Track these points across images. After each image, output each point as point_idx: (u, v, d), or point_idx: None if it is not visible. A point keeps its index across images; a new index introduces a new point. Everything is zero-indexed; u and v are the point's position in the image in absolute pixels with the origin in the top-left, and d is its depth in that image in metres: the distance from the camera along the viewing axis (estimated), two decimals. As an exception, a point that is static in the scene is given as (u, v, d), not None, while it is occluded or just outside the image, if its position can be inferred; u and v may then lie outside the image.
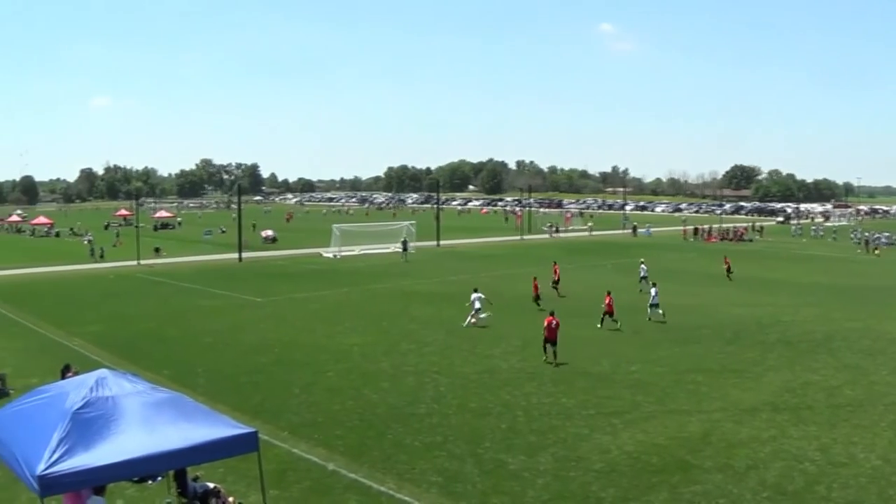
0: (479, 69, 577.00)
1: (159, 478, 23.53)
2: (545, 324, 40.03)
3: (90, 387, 17.99)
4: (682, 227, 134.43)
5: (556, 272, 64.17)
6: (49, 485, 15.57)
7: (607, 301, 48.40)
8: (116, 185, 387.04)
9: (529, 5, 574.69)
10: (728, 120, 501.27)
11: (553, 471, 24.63)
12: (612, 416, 30.22)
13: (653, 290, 51.56)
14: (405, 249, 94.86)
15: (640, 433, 28.19)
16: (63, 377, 29.63)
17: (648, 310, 50.74)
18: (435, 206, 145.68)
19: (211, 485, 22.04)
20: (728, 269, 71.85)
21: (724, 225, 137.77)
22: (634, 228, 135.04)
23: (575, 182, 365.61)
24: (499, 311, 51.28)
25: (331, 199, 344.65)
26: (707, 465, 25.07)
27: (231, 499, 21.82)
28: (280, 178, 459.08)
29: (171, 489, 22.69)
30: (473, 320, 49.13)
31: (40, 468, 15.53)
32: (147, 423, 17.45)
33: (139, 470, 17.89)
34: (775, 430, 28.64)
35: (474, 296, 49.88)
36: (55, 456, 15.81)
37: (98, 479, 16.54)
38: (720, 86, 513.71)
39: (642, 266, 65.63)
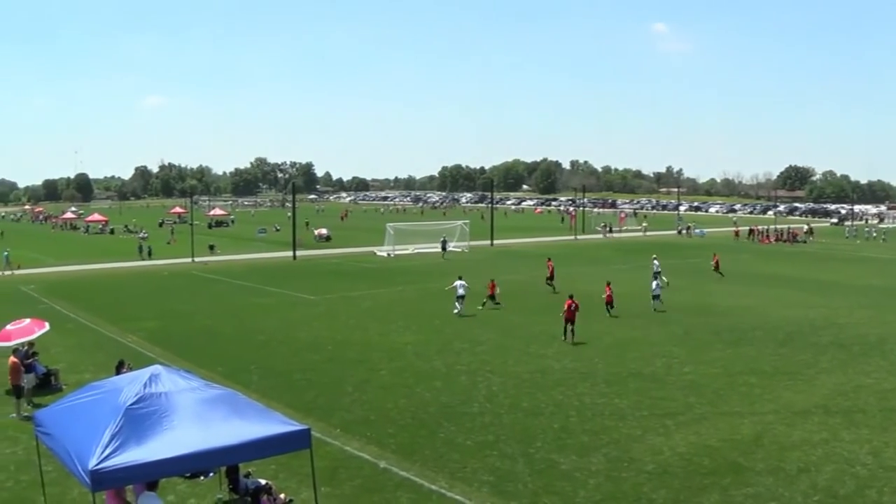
0: (533, 68, 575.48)
1: (211, 474, 23.67)
2: (565, 306, 44.44)
3: (144, 383, 18.08)
4: (734, 228, 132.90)
5: (550, 268, 65.96)
6: (101, 479, 15.63)
7: (608, 292, 51.87)
8: (171, 182, 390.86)
9: (583, 4, 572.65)
10: (782, 120, 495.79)
11: (605, 471, 24.41)
12: (665, 417, 29.94)
13: (654, 283, 56.02)
14: (444, 249, 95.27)
15: (693, 435, 27.90)
16: (118, 373, 29.80)
17: (652, 301, 54.37)
18: (489, 205, 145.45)
19: (262, 481, 22.09)
20: (716, 266, 72.49)
21: (779, 226, 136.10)
22: (688, 229, 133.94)
23: (629, 182, 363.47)
24: (550, 311, 51.06)
25: (385, 198, 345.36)
26: (758, 467, 24.75)
27: (282, 496, 21.83)
28: (335, 177, 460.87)
29: (222, 485, 22.81)
30: (460, 307, 52.25)
31: (92, 463, 15.58)
32: (200, 419, 17.48)
33: (191, 466, 17.96)
34: (827, 433, 28.23)
35: (458, 283, 52.95)
36: (107, 451, 15.87)
37: (149, 474, 16.58)
38: (774, 86, 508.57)
39: (655, 262, 65.22)
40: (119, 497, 19.60)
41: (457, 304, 52.53)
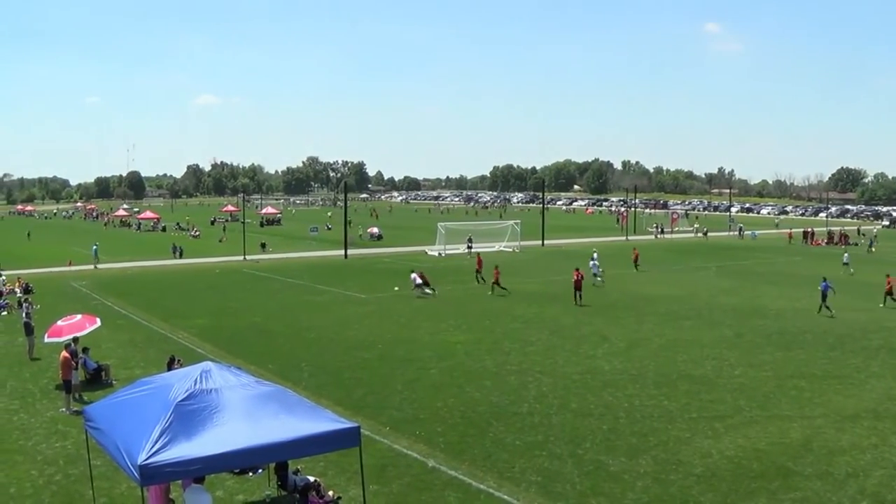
0: (586, 68, 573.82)
1: (260, 470, 23.78)
2: (574, 278, 57.25)
3: (194, 379, 18.20)
4: (787, 231, 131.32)
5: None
6: (150, 474, 15.75)
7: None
8: (223, 181, 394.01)
9: (636, 4, 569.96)
10: (834, 121, 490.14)
11: (653, 473, 24.25)
12: (714, 420, 29.70)
13: (591, 263, 68.74)
14: (469, 248, 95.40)
15: (742, 438, 27.64)
16: (169, 369, 30.10)
17: (593, 278, 65.77)
18: (540, 205, 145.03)
19: (311, 478, 22.15)
20: (636, 261, 74.55)
21: (832, 228, 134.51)
22: (740, 230, 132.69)
23: (681, 183, 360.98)
24: (601, 312, 50.93)
25: (436, 198, 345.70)
26: (807, 471, 24.45)
27: (331, 493, 21.87)
28: (386, 177, 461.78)
29: (271, 482, 22.90)
30: (417, 292, 60.96)
31: (142, 457, 15.70)
32: (250, 415, 17.57)
33: (240, 462, 18.03)
34: (876, 437, 27.84)
35: (413, 275, 62.32)
36: (157, 446, 15.99)
37: (198, 469, 16.66)
38: (826, 86, 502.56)
39: (593, 260, 71.99)
40: (164, 493, 19.77)
41: (415, 290, 61.23)
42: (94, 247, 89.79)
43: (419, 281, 61.80)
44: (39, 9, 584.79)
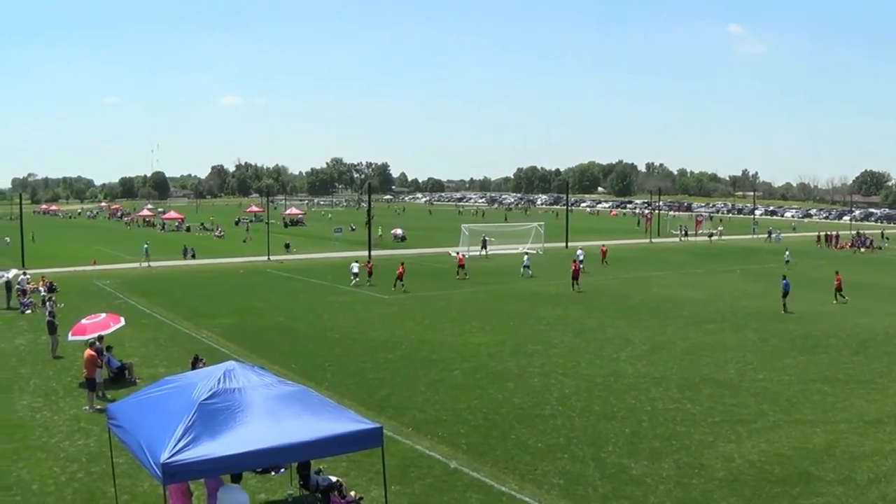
0: (609, 69, 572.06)
1: (282, 469, 23.84)
2: (572, 268, 66.18)
3: (218, 378, 18.27)
4: (815, 234, 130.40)
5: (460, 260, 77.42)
6: (172, 472, 15.82)
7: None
8: (247, 181, 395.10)
9: (659, 5, 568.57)
10: (858, 124, 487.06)
11: (675, 477, 24.21)
12: (737, 424, 29.60)
13: (525, 259, 77.77)
14: (484, 248, 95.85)
15: (764, 442, 27.55)
16: (193, 368, 30.21)
17: (521, 269, 75.25)
18: (564, 207, 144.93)
19: (333, 478, 22.19)
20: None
21: (856, 231, 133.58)
22: (769, 233, 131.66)
23: (704, 185, 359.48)
24: (625, 314, 50.90)
25: (460, 199, 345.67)
26: (829, 476, 24.35)
27: (352, 493, 21.91)
28: (410, 178, 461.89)
29: (293, 481, 22.95)
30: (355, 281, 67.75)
31: (164, 456, 15.77)
32: (273, 415, 17.62)
33: (263, 461, 18.10)
34: (899, 443, 27.80)
35: (354, 265, 70.09)
36: (180, 444, 16.06)
37: (221, 468, 16.74)
38: (850, 89, 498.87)
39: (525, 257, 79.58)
40: (185, 491, 19.84)
41: (352, 278, 68.54)
42: (145, 246, 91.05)
43: (356, 270, 69.51)
44: (63, 9, 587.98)
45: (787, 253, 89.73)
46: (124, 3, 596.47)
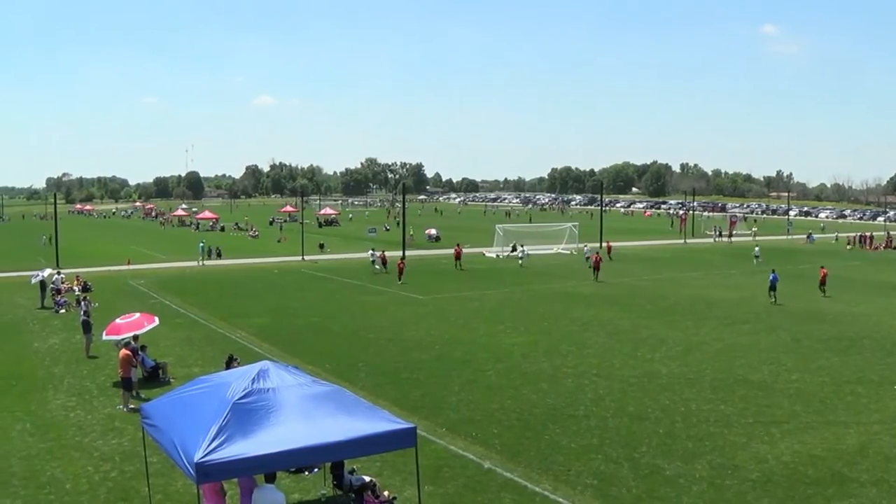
0: (644, 70, 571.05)
1: (316, 469, 23.87)
2: (594, 260, 74.09)
3: (252, 378, 18.32)
4: (846, 235, 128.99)
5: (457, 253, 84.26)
6: (206, 471, 15.87)
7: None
8: (281, 181, 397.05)
9: (693, 6, 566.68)
10: (893, 124, 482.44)
11: (709, 478, 24.09)
12: (771, 425, 29.42)
13: (520, 251, 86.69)
14: (514, 250, 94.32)
15: (798, 443, 27.37)
16: (228, 368, 30.31)
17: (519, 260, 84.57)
18: (599, 207, 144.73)
19: (367, 478, 22.18)
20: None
21: (891, 233, 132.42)
22: (809, 235, 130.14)
23: (739, 186, 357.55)
24: (659, 315, 50.76)
25: (495, 199, 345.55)
26: (863, 478, 24.16)
27: (386, 493, 21.89)
28: (444, 178, 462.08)
29: (326, 481, 22.98)
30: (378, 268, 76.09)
31: (198, 455, 15.82)
32: (306, 415, 17.65)
33: (296, 461, 18.14)
34: (933, 444, 27.57)
35: (370, 251, 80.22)
36: (213, 444, 16.11)
37: (254, 468, 16.78)
38: (884, 88, 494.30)
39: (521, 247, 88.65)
40: (219, 491, 19.92)
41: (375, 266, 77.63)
42: (201, 244, 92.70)
43: (372, 259, 79.23)
44: (99, 11, 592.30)
45: (757, 249, 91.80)
46: (161, 4, 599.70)
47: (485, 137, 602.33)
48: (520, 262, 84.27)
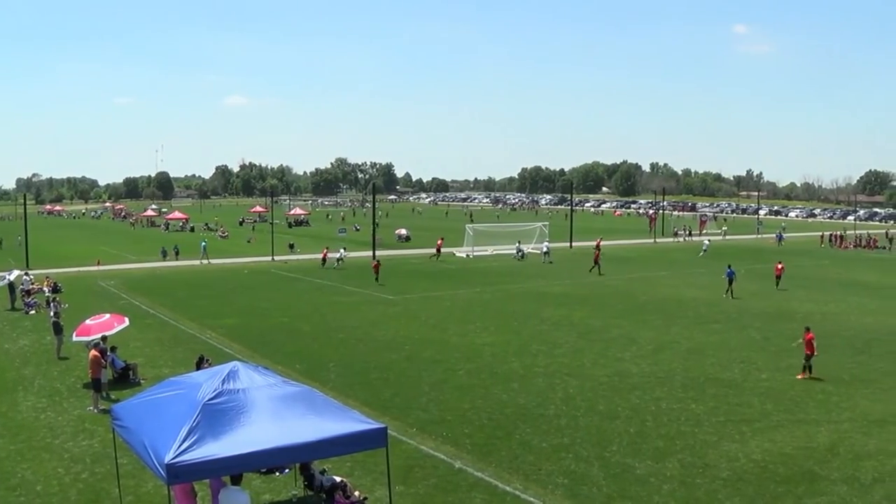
0: (613, 70, 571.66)
1: (287, 470, 23.87)
2: (595, 255, 78.69)
3: (222, 378, 18.29)
4: (818, 234, 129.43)
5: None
6: (176, 473, 15.84)
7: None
8: (251, 182, 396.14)
9: (663, 6, 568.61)
10: (862, 124, 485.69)
11: (679, 477, 24.24)
12: (741, 423, 29.64)
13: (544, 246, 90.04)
14: (519, 252, 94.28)
15: (768, 442, 27.59)
16: (198, 368, 30.26)
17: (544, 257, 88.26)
18: (568, 207, 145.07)
19: (338, 478, 22.20)
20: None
21: (859, 232, 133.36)
22: (779, 234, 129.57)
23: (709, 185, 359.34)
24: (630, 314, 50.96)
25: (465, 199, 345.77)
26: (833, 476, 24.41)
27: (357, 493, 21.93)
28: (414, 178, 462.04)
29: (297, 481, 22.96)
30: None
31: (169, 456, 15.79)
32: (277, 415, 17.64)
33: (267, 461, 18.10)
34: (903, 442, 27.80)
35: (340, 251, 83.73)
36: (184, 445, 16.07)
37: (225, 469, 16.76)
38: (854, 88, 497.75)
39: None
40: (189, 492, 19.86)
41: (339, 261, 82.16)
42: (203, 243, 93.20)
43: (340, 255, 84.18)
44: (69, 9, 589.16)
45: (707, 242, 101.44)
46: (130, 4, 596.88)
47: (455, 137, 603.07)
48: (545, 258, 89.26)
